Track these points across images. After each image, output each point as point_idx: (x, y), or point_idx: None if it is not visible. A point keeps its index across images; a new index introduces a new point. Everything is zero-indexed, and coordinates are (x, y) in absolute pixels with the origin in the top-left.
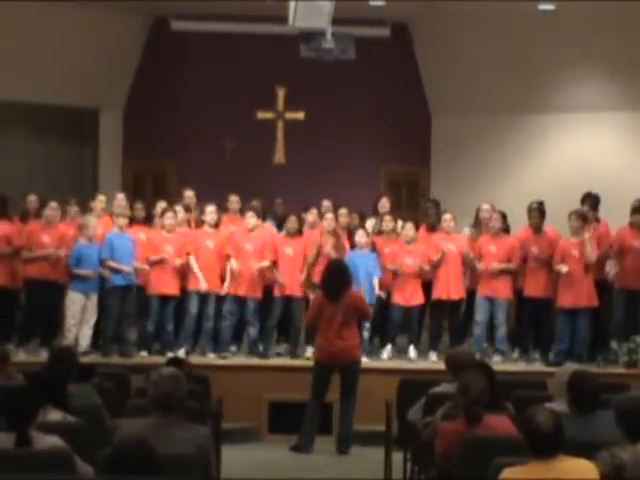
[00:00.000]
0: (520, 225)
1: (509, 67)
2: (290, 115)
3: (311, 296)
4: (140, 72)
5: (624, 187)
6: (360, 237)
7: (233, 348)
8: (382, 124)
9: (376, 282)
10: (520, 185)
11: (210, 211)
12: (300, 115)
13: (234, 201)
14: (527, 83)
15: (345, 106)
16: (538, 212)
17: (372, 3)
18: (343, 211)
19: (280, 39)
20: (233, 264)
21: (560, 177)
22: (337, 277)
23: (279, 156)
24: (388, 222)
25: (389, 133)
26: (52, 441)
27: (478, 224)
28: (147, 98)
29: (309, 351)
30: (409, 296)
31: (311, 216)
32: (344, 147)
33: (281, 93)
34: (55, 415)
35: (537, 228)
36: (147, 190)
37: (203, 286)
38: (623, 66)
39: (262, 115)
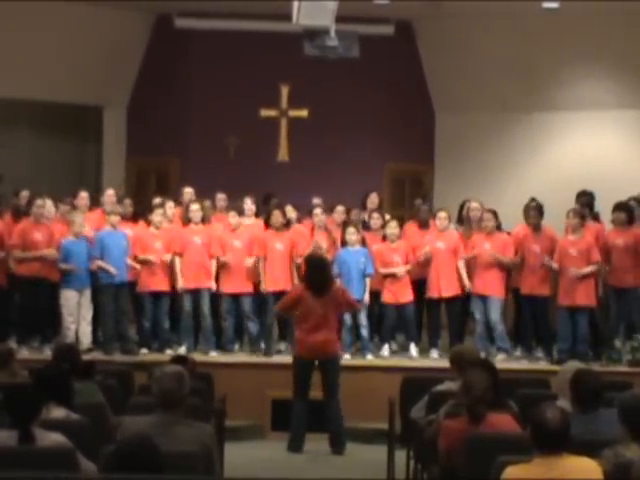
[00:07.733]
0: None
1: (513, 65)
2: (294, 113)
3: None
4: (144, 69)
5: (628, 185)
6: (350, 234)
7: (235, 346)
8: (386, 122)
9: (368, 282)
10: (524, 183)
11: (194, 209)
12: (304, 113)
13: (221, 199)
14: (531, 81)
15: (349, 104)
16: (537, 211)
17: (376, 1)
18: (340, 208)
19: (284, 37)
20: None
21: (564, 175)
22: (322, 272)
23: (282, 154)
24: (376, 219)
25: (393, 131)
26: (55, 438)
27: (466, 221)
28: (151, 95)
29: (282, 346)
30: (400, 294)
31: (289, 213)
32: (348, 145)
33: (285, 91)
34: (58, 412)
35: (536, 226)
36: (150, 187)
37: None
38: (627, 64)
39: (266, 113)
